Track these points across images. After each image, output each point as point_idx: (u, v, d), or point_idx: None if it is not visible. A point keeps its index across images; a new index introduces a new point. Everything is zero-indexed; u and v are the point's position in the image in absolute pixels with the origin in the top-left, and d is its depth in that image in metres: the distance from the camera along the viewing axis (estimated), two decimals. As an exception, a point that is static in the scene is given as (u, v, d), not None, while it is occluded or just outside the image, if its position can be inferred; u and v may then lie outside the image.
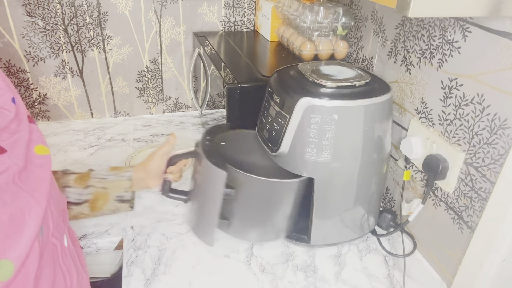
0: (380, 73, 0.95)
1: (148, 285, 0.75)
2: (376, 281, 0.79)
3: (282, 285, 0.77)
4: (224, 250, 0.84)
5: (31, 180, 0.48)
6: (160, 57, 1.35)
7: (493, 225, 0.66)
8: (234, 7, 1.34)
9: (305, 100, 0.71)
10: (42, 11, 1.17)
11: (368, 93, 0.74)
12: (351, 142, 0.74)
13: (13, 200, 0.44)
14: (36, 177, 0.49)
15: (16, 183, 0.45)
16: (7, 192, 0.43)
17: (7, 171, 0.44)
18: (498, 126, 0.64)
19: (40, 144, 0.52)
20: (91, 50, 1.27)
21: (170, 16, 1.29)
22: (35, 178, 0.49)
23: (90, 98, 1.34)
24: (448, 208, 0.77)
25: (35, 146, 0.51)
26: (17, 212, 0.44)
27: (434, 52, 0.77)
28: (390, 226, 0.91)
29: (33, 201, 0.46)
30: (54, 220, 0.52)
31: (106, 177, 0.77)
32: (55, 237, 0.53)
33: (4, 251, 0.41)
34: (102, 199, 0.76)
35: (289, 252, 0.85)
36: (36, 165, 0.50)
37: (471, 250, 0.71)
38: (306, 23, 1.06)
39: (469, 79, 0.69)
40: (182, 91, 1.43)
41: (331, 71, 0.80)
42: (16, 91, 0.52)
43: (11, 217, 0.43)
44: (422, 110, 0.82)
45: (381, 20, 0.94)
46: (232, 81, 0.94)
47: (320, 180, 0.77)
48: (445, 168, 0.75)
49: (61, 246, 0.54)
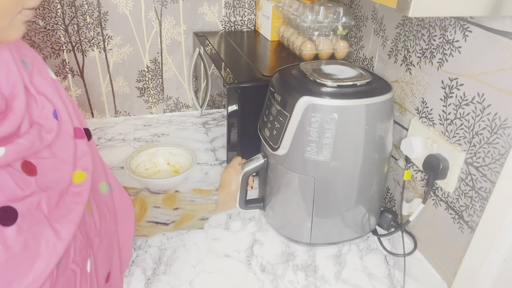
0: (381, 72, 0.95)
1: (149, 284, 0.76)
2: (376, 280, 0.79)
3: (283, 284, 0.77)
4: (225, 250, 0.85)
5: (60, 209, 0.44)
6: (160, 57, 1.35)
7: (493, 224, 0.66)
8: (234, 7, 1.34)
9: (306, 99, 0.71)
10: (42, 11, 1.17)
11: (369, 92, 0.74)
12: (351, 141, 0.74)
13: (31, 227, 0.41)
14: (66, 206, 0.46)
15: (41, 209, 0.42)
16: (26, 219, 0.40)
17: (31, 195, 0.41)
18: (499, 125, 0.64)
19: (79, 169, 0.49)
20: (92, 50, 1.27)
21: (171, 16, 1.29)
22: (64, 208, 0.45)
23: (90, 98, 1.34)
24: (448, 207, 0.77)
25: (74, 171, 0.48)
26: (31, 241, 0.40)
27: (434, 52, 0.77)
28: (391, 226, 0.91)
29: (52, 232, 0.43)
30: (77, 246, 0.49)
31: (195, 200, 0.83)
32: (76, 263, 0.49)
33: (9, 284, 0.39)
34: (187, 219, 0.82)
35: (289, 251, 0.85)
36: (70, 194, 0.47)
37: (471, 250, 0.71)
38: (307, 22, 1.06)
39: (470, 78, 0.69)
40: (182, 91, 1.43)
41: (332, 70, 0.80)
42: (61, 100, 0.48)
43: (24, 247, 0.40)
44: (423, 109, 0.82)
45: (382, 19, 0.94)
46: (233, 81, 0.94)
47: (321, 179, 0.77)
48: (445, 168, 0.75)
49: (81, 272, 0.50)
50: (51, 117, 0.46)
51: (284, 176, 0.81)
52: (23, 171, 0.41)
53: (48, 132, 0.45)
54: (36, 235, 0.41)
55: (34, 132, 0.42)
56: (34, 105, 0.45)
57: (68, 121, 0.49)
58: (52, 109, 0.46)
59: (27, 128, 0.42)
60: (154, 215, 0.76)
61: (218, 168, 1.13)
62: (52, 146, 0.45)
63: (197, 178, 1.08)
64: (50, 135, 0.45)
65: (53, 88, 0.49)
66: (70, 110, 0.50)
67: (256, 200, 0.94)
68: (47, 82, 0.48)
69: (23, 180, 0.41)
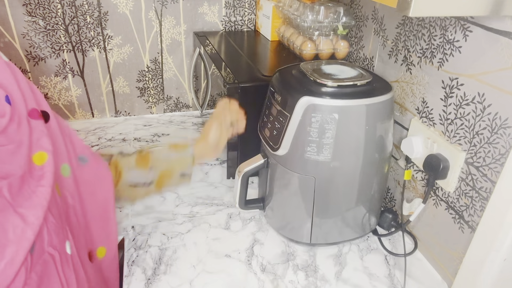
0: (381, 72, 0.95)
1: (149, 284, 0.76)
2: (377, 280, 0.79)
3: (283, 284, 0.77)
4: (225, 250, 0.85)
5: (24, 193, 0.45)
6: (160, 57, 1.35)
7: (494, 224, 0.66)
8: (234, 7, 1.34)
9: (306, 99, 0.71)
10: (42, 11, 1.17)
11: (369, 92, 0.74)
12: (352, 141, 0.74)
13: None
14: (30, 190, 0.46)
15: (4, 197, 0.42)
16: None
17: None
18: (499, 125, 0.64)
19: (38, 150, 0.48)
20: (92, 50, 1.27)
21: (171, 15, 1.29)
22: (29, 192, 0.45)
23: (90, 98, 1.34)
24: (449, 207, 0.77)
25: (34, 154, 0.48)
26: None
27: (435, 52, 0.77)
28: (391, 226, 0.91)
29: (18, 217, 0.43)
30: (51, 229, 0.49)
31: (169, 157, 0.79)
32: (53, 247, 0.49)
33: None
34: (167, 177, 0.78)
35: (289, 251, 0.85)
36: (34, 177, 0.47)
37: (472, 250, 0.71)
38: (307, 22, 1.06)
39: (470, 78, 0.69)
40: (182, 91, 1.43)
41: (332, 70, 0.80)
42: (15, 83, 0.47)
43: None
44: (423, 109, 0.82)
45: (382, 19, 0.94)
46: (233, 81, 0.94)
47: (321, 179, 0.77)
48: (445, 168, 0.75)
49: (60, 255, 0.51)
50: (3, 103, 0.45)
51: (284, 176, 0.81)
52: None
53: (1, 117, 0.44)
54: (1, 223, 0.41)
55: None
56: None
57: (22, 104, 0.48)
58: (4, 95, 0.45)
59: None
60: (130, 178, 0.74)
61: (218, 168, 1.13)
62: (7, 131, 0.45)
63: (197, 178, 1.08)
64: (3, 120, 0.44)
65: (6, 72, 0.48)
66: (25, 92, 0.49)
67: (256, 200, 0.94)
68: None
69: None
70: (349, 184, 0.79)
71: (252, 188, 1.03)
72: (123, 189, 0.74)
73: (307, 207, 0.81)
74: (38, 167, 0.48)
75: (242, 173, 0.86)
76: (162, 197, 1.00)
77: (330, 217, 0.82)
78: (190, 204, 0.99)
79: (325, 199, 0.79)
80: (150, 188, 0.77)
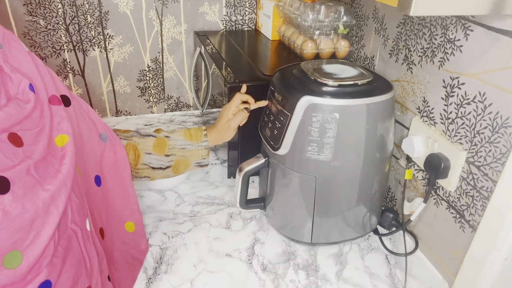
0: (382, 72, 0.95)
1: (150, 283, 0.76)
2: (377, 280, 0.79)
3: (284, 284, 0.77)
4: (226, 249, 0.85)
5: (49, 172, 0.48)
6: (161, 56, 1.35)
7: (495, 224, 0.66)
8: (235, 6, 1.34)
9: (306, 98, 0.71)
10: (43, 11, 1.17)
11: (370, 91, 0.74)
12: (353, 141, 0.74)
13: (26, 193, 0.44)
14: (55, 169, 0.49)
15: (32, 175, 0.46)
16: (20, 186, 0.44)
17: (20, 164, 0.45)
18: (500, 124, 0.64)
19: (60, 133, 0.52)
20: (93, 50, 1.27)
21: (171, 15, 1.29)
22: (53, 170, 0.49)
23: (91, 98, 1.34)
24: (449, 207, 0.77)
25: (55, 137, 0.52)
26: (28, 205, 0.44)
27: (435, 51, 0.77)
28: (392, 225, 0.91)
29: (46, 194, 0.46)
30: (74, 207, 0.53)
31: (185, 147, 0.83)
32: (75, 223, 0.53)
33: (13, 245, 0.43)
34: (183, 165, 0.84)
35: (290, 251, 0.85)
36: (57, 157, 0.50)
37: (473, 249, 0.71)
38: (308, 22, 1.06)
39: (471, 77, 0.69)
40: (183, 90, 1.43)
41: (333, 69, 0.80)
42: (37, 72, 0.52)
43: (22, 211, 0.44)
44: (424, 108, 0.82)
45: (383, 18, 0.93)
46: (234, 80, 0.94)
47: (322, 179, 0.77)
48: (446, 167, 0.75)
49: (82, 231, 0.55)
50: (27, 91, 0.49)
51: (285, 176, 0.81)
52: (11, 143, 0.45)
53: (26, 103, 0.48)
54: (32, 199, 0.45)
55: (12, 105, 0.46)
56: (9, 83, 0.48)
57: (43, 91, 0.52)
58: (28, 83, 0.49)
59: (5, 102, 0.46)
60: (148, 160, 0.79)
61: (219, 168, 1.13)
62: (31, 116, 0.49)
63: (198, 177, 1.08)
64: (29, 105, 0.48)
65: (28, 61, 0.52)
66: (46, 80, 0.54)
67: (257, 200, 0.94)
68: (22, 57, 0.51)
69: (12, 152, 0.45)
70: (350, 183, 0.79)
71: (253, 188, 1.03)
72: (142, 168, 0.79)
73: (308, 207, 0.81)
74: (59, 148, 0.52)
75: (243, 172, 0.86)
76: (163, 196, 1.01)
77: (331, 216, 0.82)
78: (191, 203, 0.99)
79: (326, 199, 0.79)
80: (167, 171, 0.82)
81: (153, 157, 0.79)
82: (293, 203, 0.83)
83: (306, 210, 0.81)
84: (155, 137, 0.81)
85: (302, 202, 0.81)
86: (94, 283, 0.57)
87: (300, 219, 0.83)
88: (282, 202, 0.86)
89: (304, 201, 0.81)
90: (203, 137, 0.84)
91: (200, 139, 0.84)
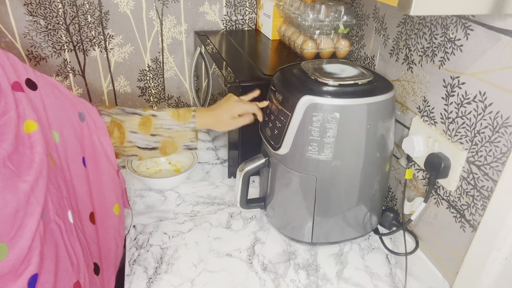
0: (382, 71, 0.95)
1: (150, 283, 0.76)
2: (378, 279, 0.79)
3: (284, 283, 0.77)
4: (226, 249, 0.85)
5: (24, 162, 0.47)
6: (161, 56, 1.35)
7: (495, 223, 0.66)
8: (235, 6, 1.34)
9: (307, 98, 0.71)
10: (43, 11, 1.17)
11: (370, 91, 0.74)
12: (353, 140, 0.74)
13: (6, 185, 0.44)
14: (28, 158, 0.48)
15: (8, 167, 0.45)
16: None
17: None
18: (501, 124, 0.64)
19: (27, 119, 0.51)
20: (93, 50, 1.27)
21: (172, 15, 1.29)
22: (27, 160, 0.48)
23: (92, 98, 1.34)
24: (450, 206, 0.77)
25: (23, 123, 0.50)
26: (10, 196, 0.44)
27: (436, 51, 0.77)
28: (392, 225, 0.91)
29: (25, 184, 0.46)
30: (53, 199, 0.52)
31: (171, 127, 0.80)
32: (58, 216, 0.52)
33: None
34: (170, 147, 0.81)
35: (291, 250, 0.85)
36: (27, 146, 0.49)
37: (473, 249, 0.71)
38: (308, 21, 1.06)
39: (471, 77, 0.69)
40: (183, 90, 1.43)
41: (333, 69, 0.80)
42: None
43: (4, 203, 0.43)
44: (424, 108, 0.82)
45: (383, 18, 0.93)
46: (234, 80, 0.94)
47: (322, 178, 0.77)
48: (447, 167, 0.75)
49: (65, 224, 0.53)
50: None
51: (286, 175, 0.81)
52: None
53: None
54: (12, 191, 0.44)
55: None
56: None
57: (4, 79, 0.51)
58: None
59: None
60: (133, 139, 0.77)
61: (219, 167, 1.13)
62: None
63: (199, 177, 1.09)
64: None
65: None
66: (6, 67, 0.52)
67: (257, 199, 0.94)
68: None
69: None
70: (350, 183, 0.79)
71: (253, 187, 1.03)
72: (128, 146, 0.76)
73: (308, 206, 0.81)
74: (27, 135, 0.50)
75: (243, 172, 0.86)
76: (164, 196, 1.01)
77: (331, 216, 0.82)
78: (191, 203, 0.99)
79: (326, 198, 0.79)
80: (154, 152, 0.80)
81: (138, 136, 0.77)
82: (294, 203, 0.83)
83: (306, 210, 0.81)
84: (140, 115, 0.79)
85: (303, 201, 0.81)
86: (82, 279, 0.55)
87: (301, 219, 0.83)
88: (283, 202, 0.86)
89: (304, 201, 0.81)
90: (190, 118, 0.80)
91: (188, 119, 0.80)
